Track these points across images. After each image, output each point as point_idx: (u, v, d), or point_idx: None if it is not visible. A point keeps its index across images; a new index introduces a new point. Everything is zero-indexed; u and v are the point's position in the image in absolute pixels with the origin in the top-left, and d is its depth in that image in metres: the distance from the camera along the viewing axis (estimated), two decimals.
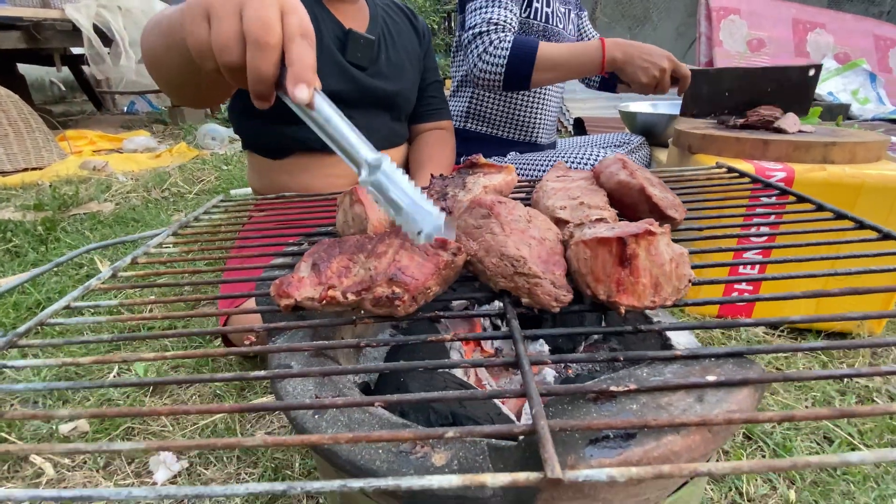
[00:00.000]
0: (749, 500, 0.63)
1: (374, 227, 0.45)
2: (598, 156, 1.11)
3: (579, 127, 3.03)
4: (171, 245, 0.51)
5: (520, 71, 1.06)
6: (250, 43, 0.34)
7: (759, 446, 0.72)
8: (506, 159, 1.34)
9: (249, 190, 1.60)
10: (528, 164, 1.25)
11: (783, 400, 0.82)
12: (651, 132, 1.63)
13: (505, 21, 1.09)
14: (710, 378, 0.25)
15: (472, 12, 1.12)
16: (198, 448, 0.24)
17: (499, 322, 0.57)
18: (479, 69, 1.09)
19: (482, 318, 0.57)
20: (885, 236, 0.41)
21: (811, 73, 1.07)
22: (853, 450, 0.72)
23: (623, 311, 0.30)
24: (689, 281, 0.32)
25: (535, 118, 1.36)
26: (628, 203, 0.42)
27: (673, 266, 0.31)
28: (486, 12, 1.09)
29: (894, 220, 0.90)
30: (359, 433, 0.23)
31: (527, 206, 0.49)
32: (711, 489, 0.64)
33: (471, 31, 1.10)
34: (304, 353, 0.38)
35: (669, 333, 0.46)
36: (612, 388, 0.25)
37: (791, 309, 0.96)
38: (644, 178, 0.41)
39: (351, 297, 0.33)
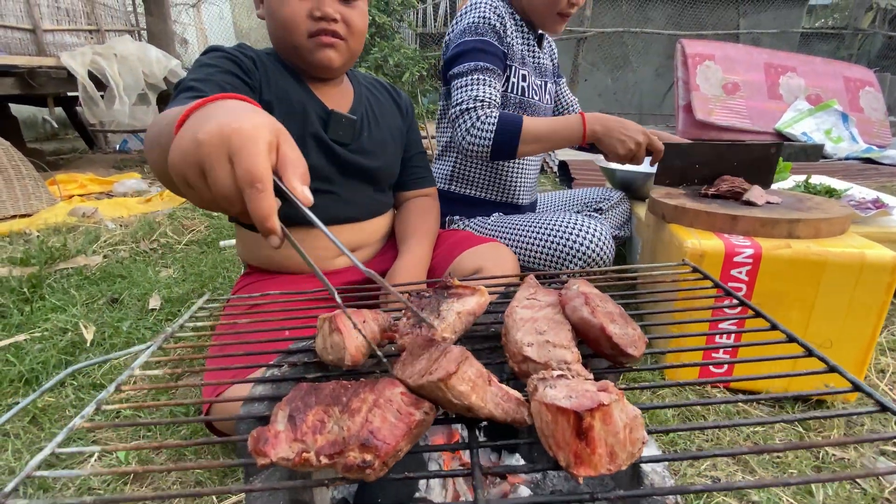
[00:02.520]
0: None
1: (352, 355, 0.47)
2: (574, 224, 1.15)
3: (563, 170, 3.12)
4: (156, 365, 0.52)
5: (506, 145, 1.14)
6: (245, 194, 0.37)
7: None
8: (489, 220, 1.38)
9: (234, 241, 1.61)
10: (510, 228, 1.29)
11: (761, 473, 0.84)
12: (630, 188, 1.69)
13: (490, 98, 1.16)
14: None
15: (458, 89, 1.19)
16: None
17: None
18: (467, 142, 1.16)
19: (461, 427, 0.58)
20: (832, 369, 0.44)
21: (773, 150, 1.15)
22: None
23: (581, 480, 0.32)
24: (643, 443, 0.34)
25: (516, 181, 1.41)
26: (591, 338, 0.44)
27: (627, 432, 0.33)
28: (472, 90, 1.16)
29: (859, 295, 0.94)
30: None
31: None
32: None
33: (458, 108, 1.17)
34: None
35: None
36: None
37: (765, 383, 0.98)
38: (604, 315, 0.44)
39: (324, 460, 0.35)
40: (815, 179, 1.68)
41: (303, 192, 0.40)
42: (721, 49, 4.03)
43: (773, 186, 1.68)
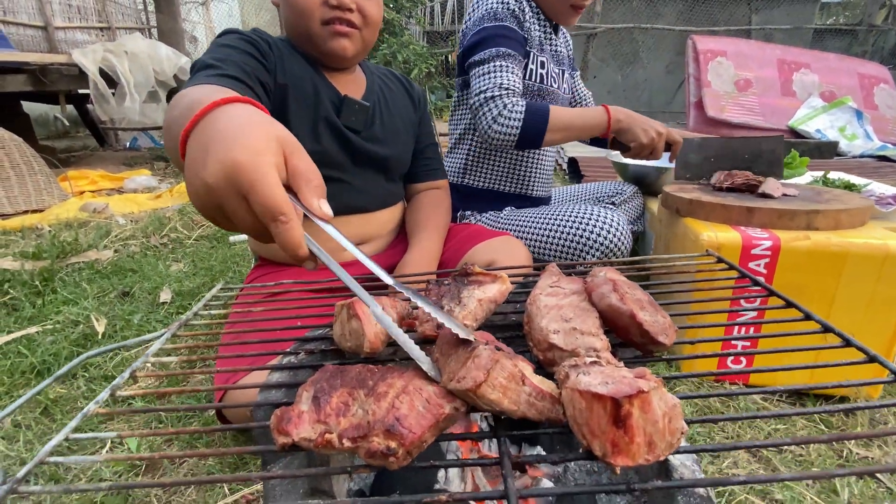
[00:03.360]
0: None
1: (371, 342, 0.46)
2: (591, 215, 1.13)
3: (573, 166, 3.10)
4: (170, 353, 0.51)
5: (533, 133, 1.12)
6: (270, 228, 0.35)
7: None
8: (502, 214, 1.36)
9: (246, 237, 1.60)
10: (523, 221, 1.27)
11: (783, 470, 0.82)
12: (642, 182, 1.66)
13: (514, 85, 1.14)
14: None
15: (480, 76, 1.16)
16: None
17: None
18: (493, 131, 1.13)
19: (479, 418, 0.57)
20: (872, 359, 0.42)
21: (779, 142, 1.21)
22: None
23: (618, 470, 0.31)
24: (682, 433, 0.32)
25: (532, 173, 1.39)
26: (620, 325, 0.43)
27: (666, 421, 0.32)
28: (496, 77, 1.14)
29: (882, 289, 0.91)
30: None
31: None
32: None
33: (482, 95, 1.14)
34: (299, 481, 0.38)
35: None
36: None
37: (786, 378, 0.96)
38: (634, 302, 0.42)
39: (347, 443, 0.33)
40: (834, 175, 1.65)
41: (320, 209, 0.38)
42: (733, 45, 3.98)
43: (790, 182, 1.65)
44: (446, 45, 5.25)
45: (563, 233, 1.14)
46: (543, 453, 0.53)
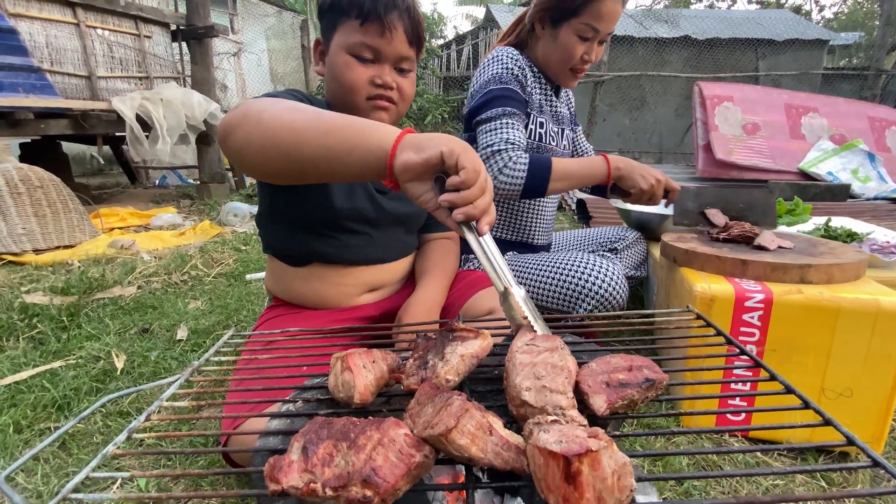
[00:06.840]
0: None
1: (360, 393, 0.50)
2: (587, 264, 1.17)
3: (581, 208, 3.15)
4: (181, 398, 0.56)
5: (537, 183, 1.20)
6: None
7: None
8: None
9: (263, 275, 1.67)
10: (523, 267, 1.31)
11: None
12: (646, 228, 1.70)
13: (518, 140, 1.23)
14: None
15: (486, 133, 1.25)
16: None
17: (479, 474, 0.60)
18: (499, 182, 1.22)
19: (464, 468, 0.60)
20: (827, 423, 0.45)
21: (771, 192, 1.27)
22: None
23: None
24: (631, 490, 0.35)
25: (532, 223, 1.45)
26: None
27: (615, 479, 0.35)
28: (501, 133, 1.23)
29: (878, 343, 0.92)
30: None
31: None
32: None
33: (489, 149, 1.23)
34: None
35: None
36: None
37: (786, 433, 0.95)
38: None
39: (329, 492, 0.37)
40: (837, 222, 1.66)
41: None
42: (739, 91, 4.07)
43: (793, 229, 1.67)
44: (461, 91, 5.49)
45: (559, 281, 1.18)
46: None
